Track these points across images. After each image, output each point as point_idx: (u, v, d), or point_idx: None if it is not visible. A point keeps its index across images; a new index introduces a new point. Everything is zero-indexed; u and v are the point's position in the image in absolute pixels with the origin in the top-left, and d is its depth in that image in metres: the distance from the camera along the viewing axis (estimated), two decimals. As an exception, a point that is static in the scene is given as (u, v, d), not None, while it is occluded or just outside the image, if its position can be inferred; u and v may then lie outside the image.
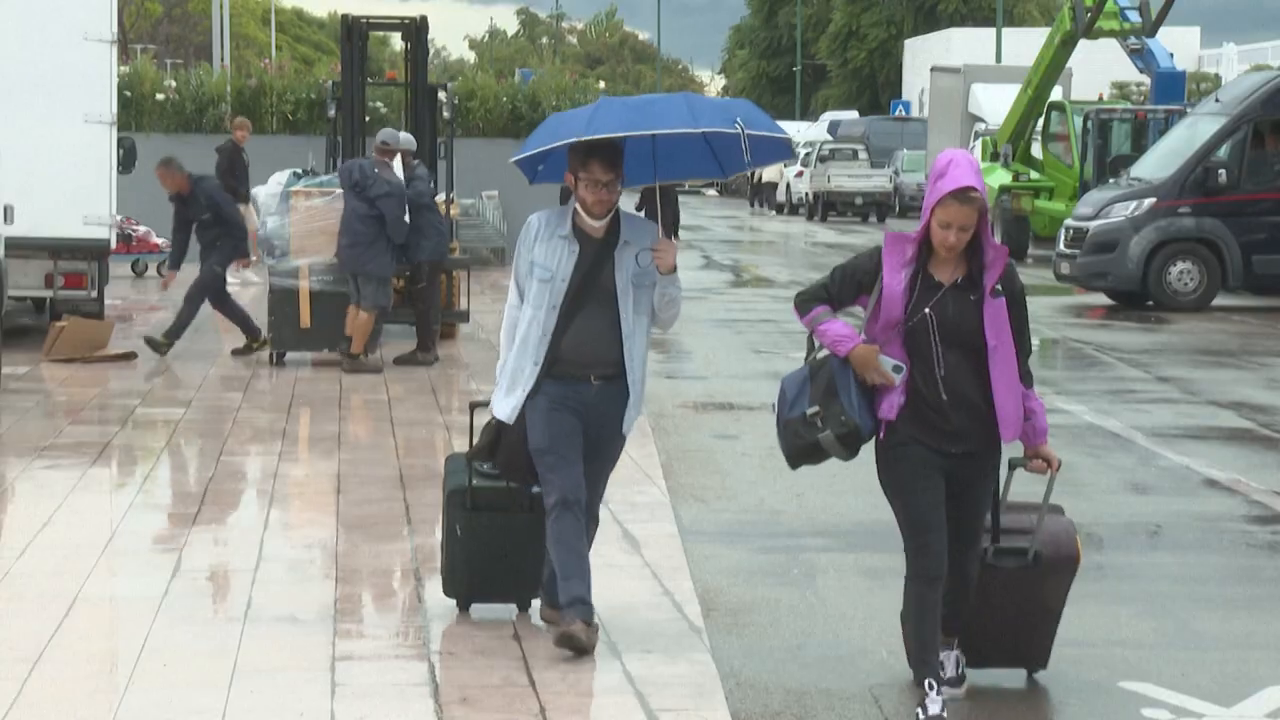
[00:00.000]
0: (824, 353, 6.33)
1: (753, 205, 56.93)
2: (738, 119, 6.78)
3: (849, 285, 6.32)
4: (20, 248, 16.11)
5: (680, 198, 25.16)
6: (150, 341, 15.74)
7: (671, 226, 24.70)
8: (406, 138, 16.18)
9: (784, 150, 7.23)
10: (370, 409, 13.22)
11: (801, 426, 6.28)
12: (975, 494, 6.38)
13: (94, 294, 16.78)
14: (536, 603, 7.28)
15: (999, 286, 6.22)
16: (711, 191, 65.70)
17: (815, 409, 6.24)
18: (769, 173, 55.33)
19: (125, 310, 20.00)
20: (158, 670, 6.64)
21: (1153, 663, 7.11)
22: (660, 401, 13.84)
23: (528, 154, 6.96)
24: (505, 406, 6.89)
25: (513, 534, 7.22)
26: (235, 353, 15.94)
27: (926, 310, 6.18)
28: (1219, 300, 23.25)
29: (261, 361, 15.65)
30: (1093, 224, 23.32)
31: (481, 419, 7.18)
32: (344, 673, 6.63)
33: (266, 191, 15.57)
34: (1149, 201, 23.05)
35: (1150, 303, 23.14)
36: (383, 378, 14.82)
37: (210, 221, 15.71)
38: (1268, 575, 8.85)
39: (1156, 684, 6.79)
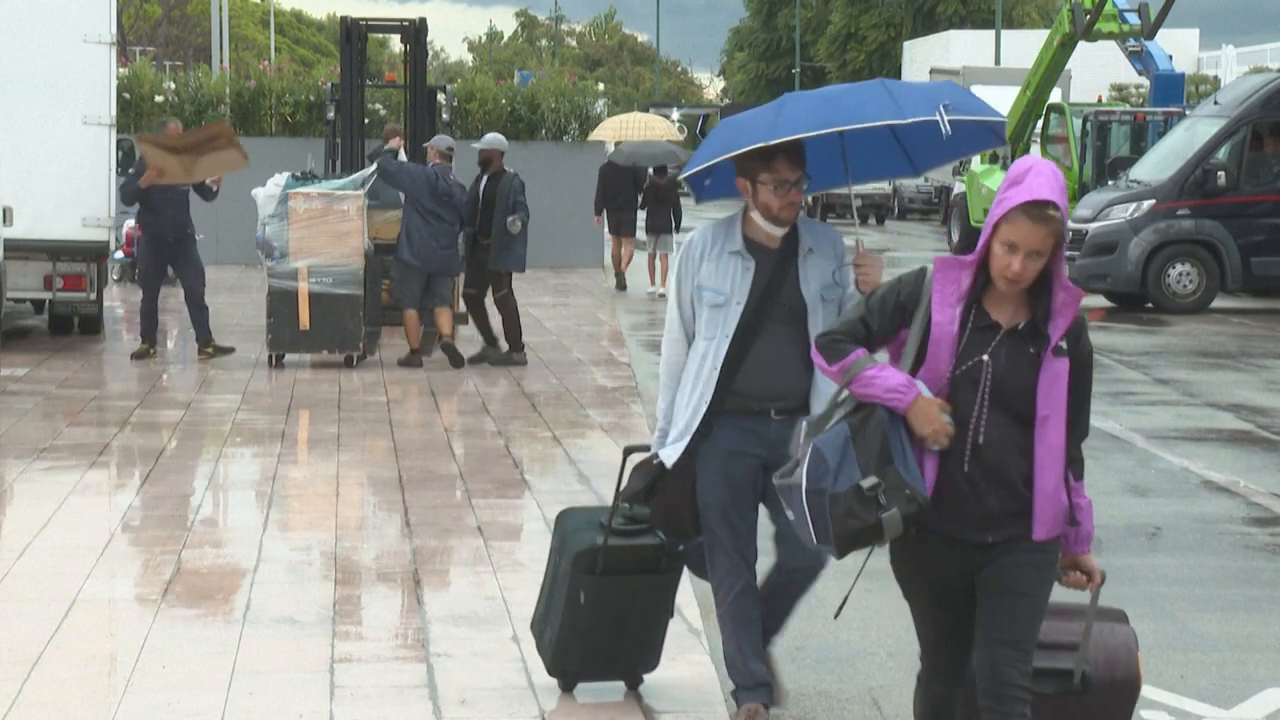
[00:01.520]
0: (843, 397, 4.98)
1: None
2: (943, 104, 5.74)
3: (891, 315, 4.97)
4: (19, 249, 16.15)
5: (680, 198, 25.23)
6: (217, 350, 15.90)
7: (673, 225, 24.88)
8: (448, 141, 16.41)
9: (990, 136, 6.16)
10: (369, 411, 13.22)
11: (857, 504, 4.80)
12: (1016, 596, 4.89)
13: (93, 295, 16.80)
14: (649, 677, 6.50)
15: (1063, 343, 4.90)
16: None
17: (873, 481, 4.78)
18: None
19: (124, 313, 19.98)
20: (157, 671, 6.64)
21: (1151, 664, 7.10)
22: (659, 403, 13.84)
23: (703, 165, 5.86)
24: (671, 450, 5.96)
25: (639, 598, 6.22)
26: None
27: (983, 358, 4.86)
28: (1218, 302, 23.27)
29: (261, 363, 15.65)
30: (1092, 226, 23.32)
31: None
32: (343, 674, 6.63)
33: (265, 193, 15.57)
34: (1148, 203, 23.06)
35: (1149, 305, 23.16)
36: (381, 379, 14.82)
37: None
38: (1266, 577, 8.84)
39: (1155, 685, 6.79)
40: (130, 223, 23.01)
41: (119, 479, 10.82)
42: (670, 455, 5.96)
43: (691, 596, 7.85)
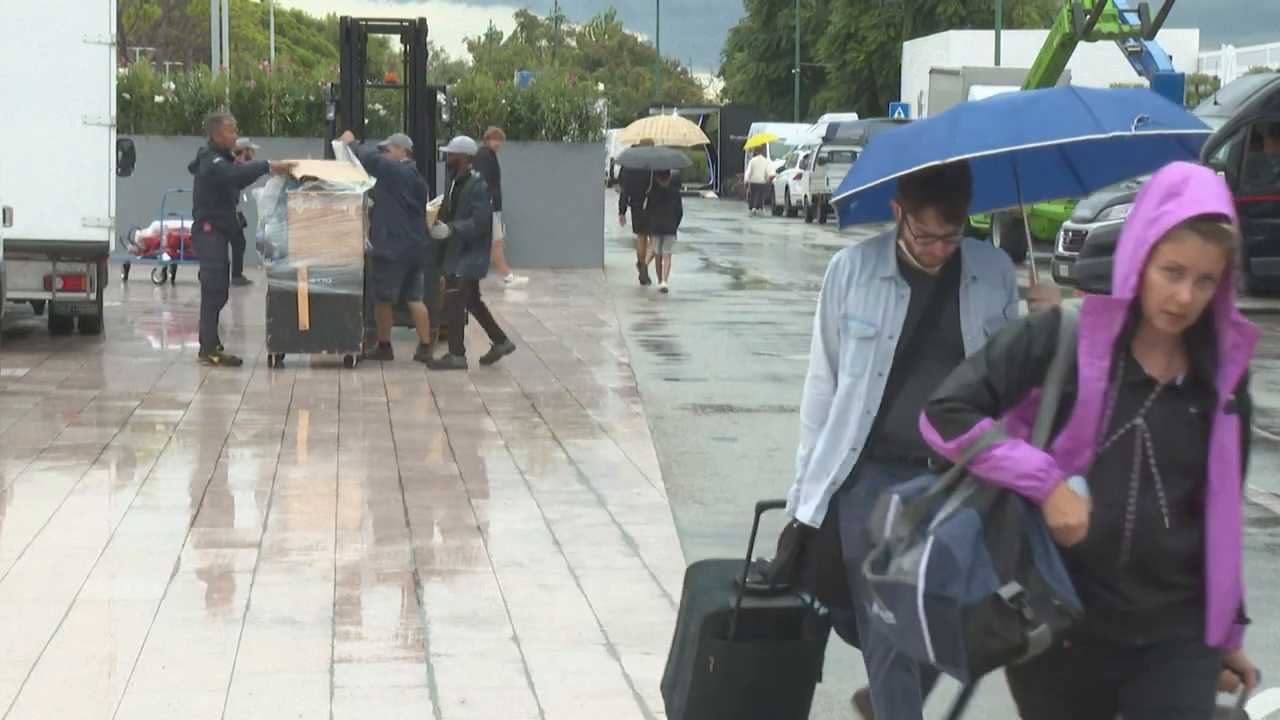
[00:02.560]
0: (946, 480, 4.03)
1: (751, 207, 56.97)
2: (1139, 116, 4.92)
3: (1020, 372, 4.00)
4: (19, 249, 16.15)
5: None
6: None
7: (674, 224, 24.98)
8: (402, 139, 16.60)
9: (1181, 151, 5.16)
10: (369, 411, 13.22)
11: (997, 619, 3.82)
12: (1182, 713, 3.97)
13: (93, 295, 16.80)
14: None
15: (1233, 396, 3.94)
16: (711, 194, 65.72)
17: (1016, 590, 3.82)
18: (755, 174, 55.40)
19: (123, 313, 19.98)
20: (157, 672, 6.64)
21: (1152, 665, 7.09)
22: (659, 403, 13.85)
23: (866, 186, 5.09)
24: (810, 506, 5.26)
25: (777, 667, 5.48)
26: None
27: (1136, 422, 3.91)
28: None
29: (261, 363, 15.65)
30: (1091, 226, 23.33)
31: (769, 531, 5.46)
32: (343, 675, 6.63)
33: (265, 194, 15.57)
34: (1148, 204, 23.05)
35: (1149, 305, 23.15)
36: (381, 379, 14.83)
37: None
38: (1266, 578, 8.84)
39: (1155, 686, 6.78)
40: (172, 223, 23.00)
41: (119, 479, 10.82)
42: (806, 512, 5.23)
43: (691, 597, 7.86)
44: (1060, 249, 24.07)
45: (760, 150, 57.89)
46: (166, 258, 23.53)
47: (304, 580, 8.11)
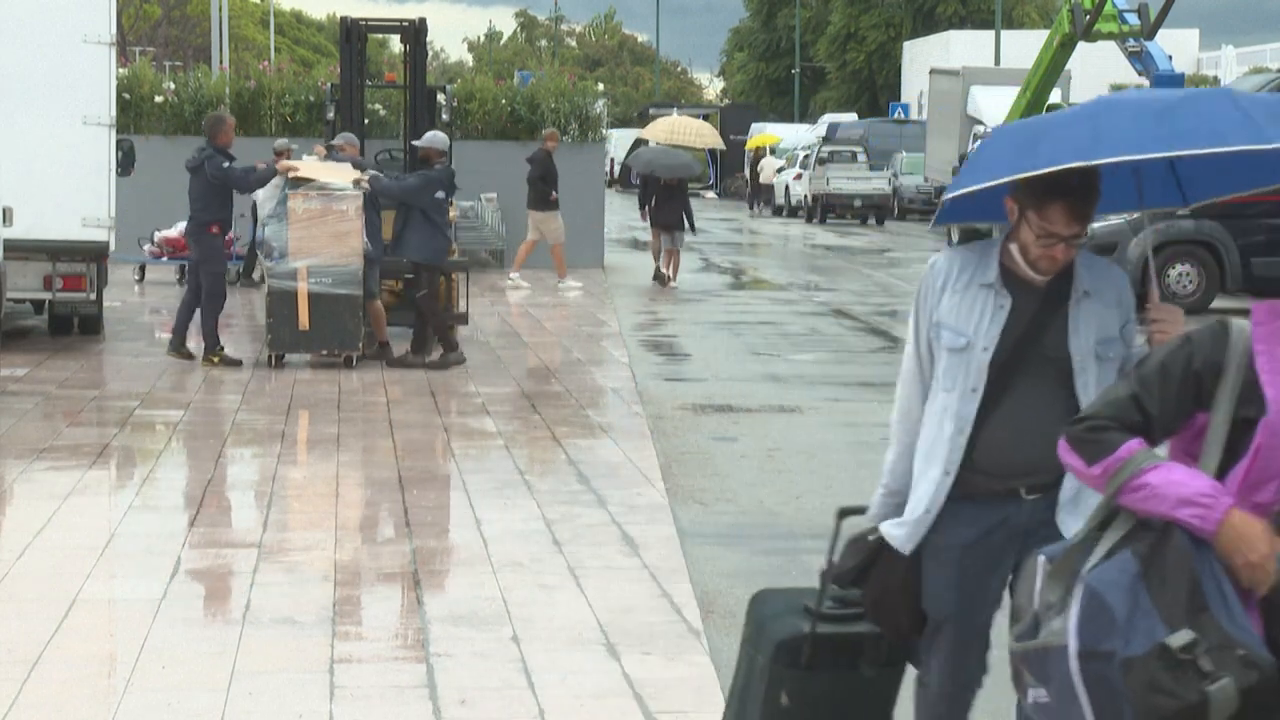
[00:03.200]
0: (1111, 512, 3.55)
1: (752, 208, 56.97)
2: None
3: (1179, 392, 3.52)
4: (19, 249, 16.15)
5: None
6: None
7: (681, 222, 25.33)
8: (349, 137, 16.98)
9: None
10: (369, 411, 13.22)
11: (1166, 673, 3.28)
12: None
13: (93, 296, 16.80)
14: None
15: None
16: (711, 194, 65.72)
17: (1188, 638, 3.28)
18: (766, 174, 55.41)
19: (124, 314, 19.97)
20: (156, 672, 6.64)
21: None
22: (659, 403, 13.85)
23: (989, 184, 4.52)
24: (901, 532, 4.76)
25: (855, 699, 4.99)
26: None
27: None
28: (1218, 302, 23.25)
29: (260, 363, 15.66)
30: (1091, 226, 23.33)
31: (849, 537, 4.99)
32: (342, 675, 6.63)
33: (264, 194, 15.58)
34: (1148, 204, 23.05)
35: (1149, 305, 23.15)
36: (381, 379, 14.83)
37: None
38: (1266, 577, 8.84)
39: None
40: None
41: (119, 479, 10.82)
42: (899, 537, 4.75)
43: (690, 597, 7.87)
44: (1060, 249, 24.08)
45: (765, 151, 57.94)
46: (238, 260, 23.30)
47: (304, 580, 8.10)
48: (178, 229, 23.15)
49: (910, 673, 5.01)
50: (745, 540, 9.28)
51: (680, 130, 28.25)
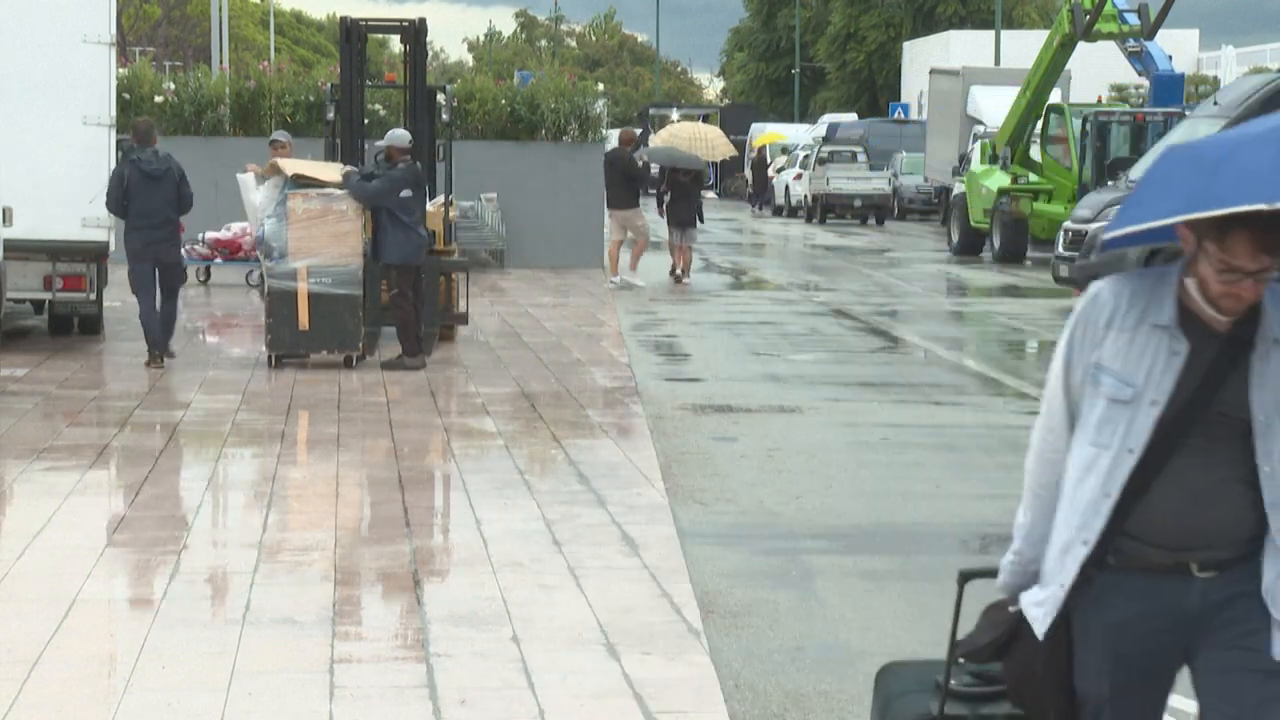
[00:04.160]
0: None
1: (757, 207, 57.00)
2: None
3: None
4: (19, 250, 16.16)
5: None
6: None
7: (693, 219, 25.76)
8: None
9: None
10: (369, 411, 13.22)
11: None
12: None
13: (93, 296, 16.80)
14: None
15: None
16: (711, 194, 65.74)
17: None
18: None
19: (124, 314, 19.98)
20: (156, 672, 6.64)
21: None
22: (659, 403, 13.85)
23: (1156, 224, 3.82)
24: (1039, 612, 4.07)
25: None
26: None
27: None
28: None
29: (260, 363, 15.66)
30: (1091, 226, 23.29)
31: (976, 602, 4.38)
32: (342, 675, 6.63)
33: (264, 194, 15.57)
34: (1148, 204, 23.03)
35: (1149, 305, 23.14)
36: (381, 379, 14.83)
37: None
38: (1266, 577, 8.84)
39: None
40: (237, 225, 22.85)
41: (119, 479, 10.82)
42: (1037, 611, 4.08)
43: (690, 597, 7.86)
44: (1060, 249, 24.05)
45: (770, 150, 58.02)
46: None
47: (304, 580, 8.10)
48: (230, 230, 23.00)
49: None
50: (745, 540, 9.28)
51: (699, 143, 28.63)
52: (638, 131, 30.93)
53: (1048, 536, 4.10)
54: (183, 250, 23.09)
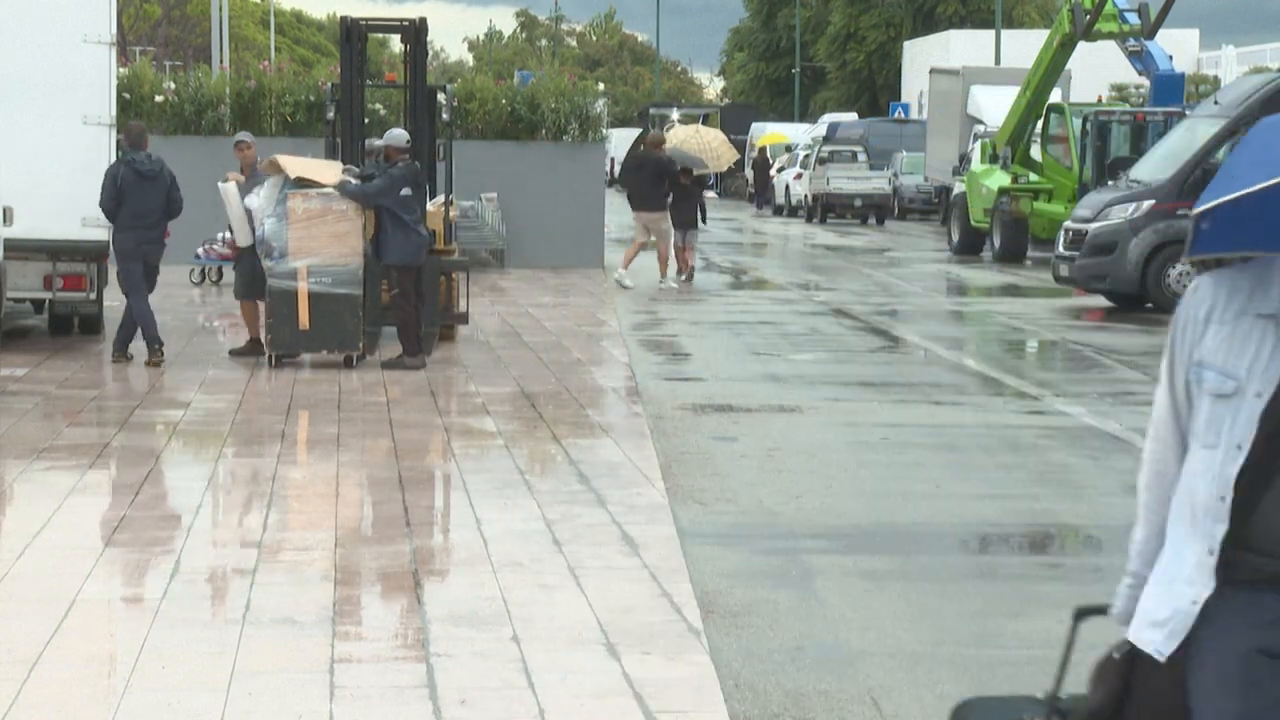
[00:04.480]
0: None
1: (757, 207, 57.01)
2: None
3: None
4: (19, 249, 16.16)
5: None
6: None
7: (695, 218, 25.91)
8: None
9: None
10: (369, 411, 13.22)
11: None
12: None
13: (93, 295, 16.80)
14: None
15: None
16: (711, 194, 65.75)
17: None
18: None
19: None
20: (156, 672, 6.63)
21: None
22: (659, 403, 13.85)
23: (1241, 194, 3.45)
24: (1159, 634, 3.64)
25: None
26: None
27: None
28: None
29: (261, 363, 15.66)
30: (1091, 226, 23.32)
31: (1094, 636, 3.91)
32: (342, 675, 6.63)
33: (264, 193, 15.57)
34: (1148, 204, 23.06)
35: (1149, 305, 23.16)
36: (381, 379, 14.83)
37: None
38: None
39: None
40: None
41: (119, 479, 10.82)
42: (1153, 639, 3.66)
43: (690, 596, 7.86)
44: (1060, 248, 24.06)
45: (773, 150, 58.05)
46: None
47: (304, 580, 8.10)
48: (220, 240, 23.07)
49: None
50: (745, 540, 9.28)
51: (705, 153, 28.94)
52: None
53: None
54: (200, 250, 23.21)
